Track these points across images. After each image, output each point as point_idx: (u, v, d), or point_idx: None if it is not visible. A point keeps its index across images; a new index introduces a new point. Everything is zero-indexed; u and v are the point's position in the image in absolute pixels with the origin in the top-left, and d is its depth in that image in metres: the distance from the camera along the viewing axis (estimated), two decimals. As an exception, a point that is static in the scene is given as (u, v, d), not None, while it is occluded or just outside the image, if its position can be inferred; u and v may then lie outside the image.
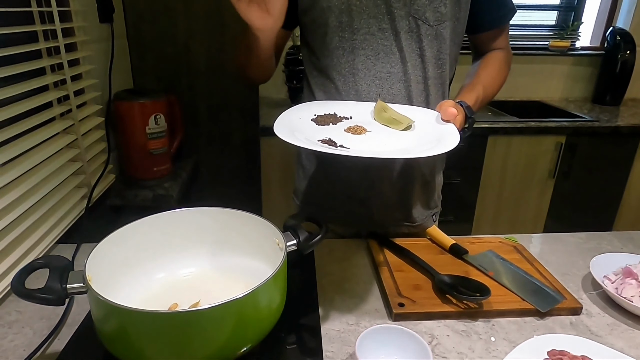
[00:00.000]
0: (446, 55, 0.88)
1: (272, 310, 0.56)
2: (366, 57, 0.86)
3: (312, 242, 0.63)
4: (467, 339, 0.68)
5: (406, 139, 0.73)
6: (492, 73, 0.93)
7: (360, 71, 0.87)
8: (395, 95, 0.88)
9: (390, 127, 0.77)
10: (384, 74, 0.87)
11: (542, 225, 2.25)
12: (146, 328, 0.48)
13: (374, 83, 0.87)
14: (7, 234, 0.78)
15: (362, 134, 0.74)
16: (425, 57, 0.86)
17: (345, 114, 0.81)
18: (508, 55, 0.98)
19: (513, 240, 0.95)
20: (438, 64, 0.88)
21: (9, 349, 0.64)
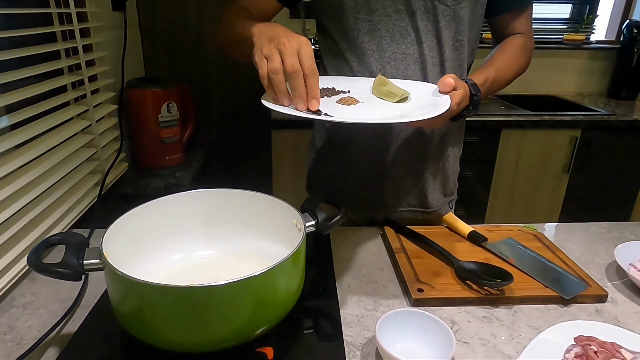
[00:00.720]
0: (464, 37, 0.86)
1: (290, 291, 0.55)
2: (381, 38, 0.85)
3: (331, 222, 0.61)
4: (489, 325, 0.67)
5: (398, 109, 0.72)
6: (507, 57, 0.91)
7: (375, 52, 0.86)
8: (411, 77, 0.86)
9: (385, 99, 0.75)
10: (399, 55, 0.85)
11: (556, 220, 2.22)
12: (163, 303, 0.47)
13: (389, 64, 0.86)
14: (22, 216, 0.78)
15: (352, 105, 0.72)
16: (442, 38, 0.84)
17: (343, 88, 0.79)
18: (528, 41, 0.95)
19: (532, 229, 0.93)
20: (455, 46, 0.87)
21: (24, 329, 0.64)
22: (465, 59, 0.90)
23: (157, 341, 0.50)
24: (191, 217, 0.68)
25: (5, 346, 0.60)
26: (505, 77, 0.90)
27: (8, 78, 0.76)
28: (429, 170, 0.96)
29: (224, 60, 1.57)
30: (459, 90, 0.73)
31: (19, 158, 0.78)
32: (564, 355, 0.58)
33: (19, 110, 0.80)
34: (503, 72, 0.88)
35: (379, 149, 0.92)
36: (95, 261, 0.50)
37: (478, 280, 0.72)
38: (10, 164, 0.74)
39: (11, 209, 0.74)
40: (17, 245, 0.75)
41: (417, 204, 0.98)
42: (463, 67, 0.90)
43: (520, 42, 0.93)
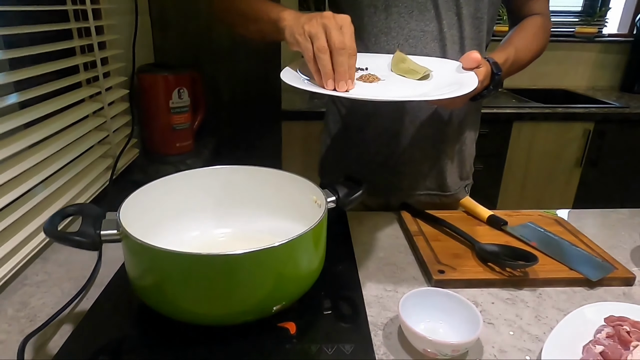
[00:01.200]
0: (484, 14, 0.84)
1: (310, 266, 0.53)
2: (399, 14, 0.83)
3: (352, 197, 0.60)
4: (514, 306, 0.65)
5: (421, 87, 0.70)
6: (526, 37, 0.88)
7: (393, 30, 0.83)
8: (430, 54, 0.84)
9: (407, 77, 0.73)
10: (417, 32, 0.83)
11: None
12: (183, 272, 0.45)
13: (407, 42, 0.84)
14: (33, 196, 0.76)
15: (374, 82, 0.70)
16: (462, 15, 0.82)
17: (361, 65, 0.76)
18: (546, 22, 0.93)
19: (553, 214, 0.90)
20: (475, 24, 0.85)
21: (37, 306, 0.62)
22: (484, 37, 0.88)
23: (175, 313, 0.49)
24: (208, 193, 0.66)
25: (18, 323, 0.59)
26: (525, 58, 0.87)
27: (19, 54, 0.75)
28: (447, 152, 0.94)
29: (234, 50, 1.56)
30: (482, 67, 0.71)
31: (30, 136, 0.76)
32: (595, 336, 0.56)
33: (32, 88, 0.78)
34: (523, 52, 0.86)
35: (395, 132, 0.91)
36: (112, 232, 0.49)
37: (500, 262, 0.70)
38: (20, 142, 0.73)
39: (22, 187, 0.73)
40: (28, 224, 0.74)
41: (435, 187, 0.96)
42: (482, 45, 0.88)
43: (539, 22, 0.91)
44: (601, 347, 0.53)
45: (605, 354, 0.53)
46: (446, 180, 0.96)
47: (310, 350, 0.47)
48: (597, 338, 0.55)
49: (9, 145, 0.71)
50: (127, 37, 1.22)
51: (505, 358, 0.55)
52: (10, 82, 0.73)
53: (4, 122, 0.70)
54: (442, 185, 0.96)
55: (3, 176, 0.68)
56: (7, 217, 0.69)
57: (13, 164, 0.71)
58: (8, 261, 0.67)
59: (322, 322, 0.52)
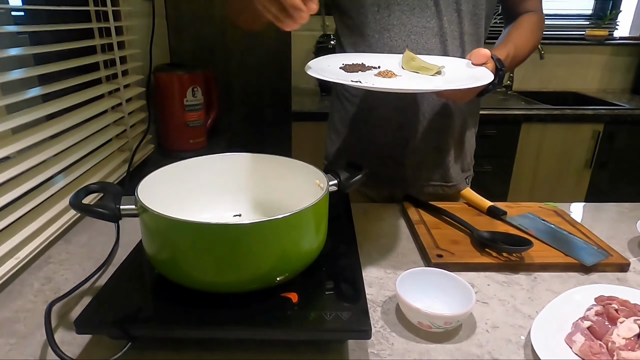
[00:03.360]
0: (482, 10, 0.88)
1: (311, 240, 0.56)
2: (401, 12, 0.86)
3: (353, 180, 0.63)
4: (509, 288, 0.67)
5: (437, 81, 0.73)
6: (524, 33, 0.91)
7: (395, 26, 0.87)
8: (431, 50, 0.88)
9: (420, 73, 0.76)
10: (419, 29, 0.87)
11: (578, 217, 2.19)
12: (196, 241, 0.50)
13: (409, 38, 0.87)
14: (54, 184, 0.81)
15: (393, 77, 0.73)
16: (462, 11, 0.86)
17: (373, 64, 0.80)
18: (540, 19, 0.96)
19: (553, 206, 0.93)
20: (474, 20, 0.88)
21: (60, 281, 0.67)
22: (482, 33, 0.91)
23: (187, 281, 0.53)
24: (219, 178, 0.71)
25: (44, 294, 0.64)
26: (523, 54, 0.90)
27: (43, 49, 0.80)
28: (450, 144, 0.97)
29: (246, 51, 1.61)
30: (490, 63, 0.75)
31: (52, 127, 0.81)
32: (585, 313, 0.58)
33: (52, 82, 0.84)
34: (521, 48, 0.89)
35: (399, 123, 0.94)
36: (131, 207, 0.53)
37: (497, 247, 0.73)
38: (43, 132, 0.77)
39: (45, 174, 0.77)
40: (51, 209, 0.79)
41: (438, 178, 0.99)
42: (480, 41, 0.92)
43: (534, 19, 0.95)
44: (589, 322, 0.56)
45: (592, 328, 0.55)
46: (449, 172, 0.99)
47: (310, 316, 0.50)
48: (587, 315, 0.58)
49: (33, 134, 0.76)
50: (144, 38, 1.28)
51: (496, 333, 0.58)
52: (35, 75, 0.78)
53: (28, 113, 0.75)
54: (445, 177, 0.99)
55: (27, 163, 0.73)
56: (30, 201, 0.73)
57: (36, 153, 0.76)
58: (32, 241, 0.72)
59: (322, 296, 0.55)
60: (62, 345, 0.52)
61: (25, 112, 0.74)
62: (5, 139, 0.70)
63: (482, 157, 2.08)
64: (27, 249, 0.69)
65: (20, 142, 0.71)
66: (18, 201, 0.70)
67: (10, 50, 0.73)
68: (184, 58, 1.57)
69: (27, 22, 0.92)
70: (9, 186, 0.69)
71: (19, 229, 0.69)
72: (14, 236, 0.68)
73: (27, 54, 0.82)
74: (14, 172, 0.69)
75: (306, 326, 0.49)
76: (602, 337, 0.54)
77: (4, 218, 0.66)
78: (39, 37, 0.90)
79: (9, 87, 0.73)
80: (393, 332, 0.57)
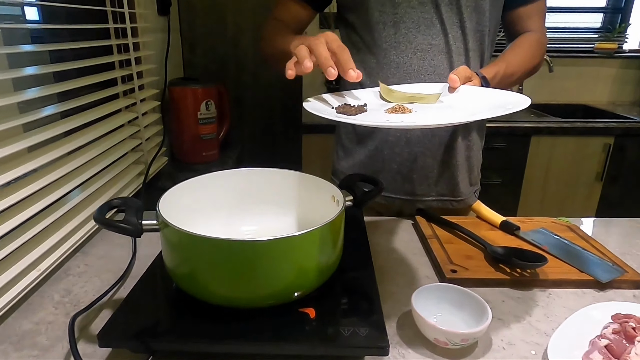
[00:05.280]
0: (485, 27, 0.89)
1: (327, 257, 0.57)
2: (407, 29, 0.88)
3: (368, 196, 0.64)
4: (523, 304, 0.67)
5: (455, 109, 0.70)
6: (519, 52, 0.92)
7: (401, 44, 0.89)
8: (437, 67, 0.89)
9: (419, 102, 0.73)
10: (425, 46, 0.88)
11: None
12: (215, 256, 0.51)
13: (416, 55, 0.89)
14: (72, 198, 0.83)
15: (407, 113, 0.69)
16: (466, 28, 0.87)
17: (358, 102, 0.74)
18: (541, 38, 0.95)
19: (566, 221, 0.93)
20: (477, 37, 0.90)
21: (80, 293, 0.68)
22: (485, 49, 0.93)
23: (206, 295, 0.54)
24: (235, 193, 0.72)
25: (64, 306, 0.65)
26: (517, 72, 0.90)
27: (64, 67, 0.82)
28: (457, 158, 0.97)
29: (258, 65, 1.64)
30: (474, 80, 0.76)
31: (70, 143, 0.83)
32: (602, 331, 0.58)
33: (71, 99, 0.85)
34: (514, 67, 0.89)
35: (407, 139, 0.95)
36: (152, 222, 0.55)
37: (511, 261, 0.73)
38: (62, 148, 0.79)
39: (63, 189, 0.79)
40: (69, 222, 0.80)
41: (447, 192, 1.00)
42: (484, 57, 0.93)
43: (533, 39, 0.94)
44: (606, 341, 0.56)
45: (610, 347, 0.55)
46: (458, 186, 0.99)
47: (328, 332, 0.51)
48: (604, 333, 0.58)
49: (52, 150, 0.77)
50: (159, 53, 1.31)
51: (512, 350, 0.58)
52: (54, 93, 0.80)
53: (47, 130, 0.76)
54: (454, 191, 1.00)
55: (47, 178, 0.74)
56: (51, 214, 0.75)
57: (56, 168, 0.78)
58: (52, 253, 0.74)
59: (339, 310, 0.56)
60: (84, 357, 0.53)
61: (44, 129, 0.76)
62: (24, 157, 0.72)
63: (492, 170, 2.09)
64: (47, 262, 0.71)
65: (40, 158, 0.73)
66: (39, 215, 0.72)
67: (28, 69, 0.74)
68: (197, 72, 1.59)
69: (47, 38, 0.95)
70: (30, 201, 0.70)
71: (39, 241, 0.71)
72: (35, 249, 0.69)
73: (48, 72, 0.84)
74: (36, 187, 0.70)
75: (324, 342, 0.50)
76: (620, 356, 0.54)
77: (26, 232, 0.68)
78: (58, 54, 0.92)
79: (28, 104, 0.75)
80: (409, 348, 0.58)
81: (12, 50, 0.70)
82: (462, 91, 0.76)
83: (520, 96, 0.67)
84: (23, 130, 0.73)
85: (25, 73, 0.71)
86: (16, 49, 0.71)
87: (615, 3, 2.53)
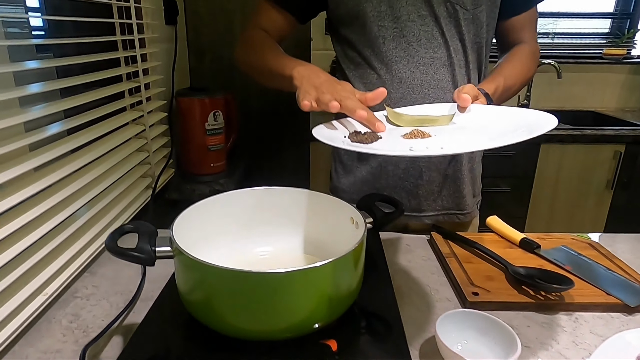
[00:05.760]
0: (483, 39, 0.88)
1: (350, 286, 0.55)
2: (408, 43, 0.86)
3: (389, 218, 0.61)
4: (550, 330, 0.65)
5: (473, 130, 0.67)
6: (516, 65, 0.91)
7: (403, 58, 0.87)
8: (440, 80, 0.87)
9: (432, 125, 0.70)
10: (427, 60, 0.86)
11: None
12: (233, 288, 0.48)
13: (418, 69, 0.87)
14: (80, 216, 0.80)
15: (430, 138, 0.66)
16: (465, 41, 0.86)
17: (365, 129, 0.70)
18: (533, 49, 0.95)
19: (586, 238, 0.90)
20: (474, 48, 0.88)
21: (88, 318, 0.66)
22: (483, 61, 0.92)
23: (222, 327, 0.51)
24: (248, 213, 0.69)
25: (72, 333, 0.62)
26: (514, 85, 0.89)
27: (71, 82, 0.80)
28: (462, 171, 0.95)
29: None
30: (480, 98, 0.75)
31: (77, 160, 0.80)
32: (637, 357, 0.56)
33: (77, 115, 0.83)
34: (511, 79, 0.88)
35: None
36: (166, 248, 0.52)
37: (536, 284, 0.70)
38: (69, 166, 0.76)
39: (71, 208, 0.76)
40: (77, 241, 0.78)
41: (453, 206, 0.98)
42: (482, 68, 0.92)
43: (526, 50, 0.94)
44: (643, 373, 0.53)
45: (648, 379, 0.52)
46: (464, 199, 0.97)
47: (353, 366, 0.48)
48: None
49: (59, 169, 0.74)
50: (166, 63, 1.29)
51: (543, 382, 0.55)
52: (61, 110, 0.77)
53: (54, 148, 0.74)
54: (459, 204, 0.98)
55: (53, 199, 0.71)
56: (56, 236, 0.72)
57: (63, 187, 0.75)
58: (59, 276, 0.71)
59: (362, 340, 0.53)
60: (94, 393, 0.50)
61: (50, 147, 0.73)
62: (30, 177, 0.69)
63: (501, 178, 2.07)
64: (54, 285, 0.68)
65: (46, 178, 0.70)
66: (45, 236, 0.70)
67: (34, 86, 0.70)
68: (203, 81, 1.57)
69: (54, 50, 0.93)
70: (37, 222, 0.68)
71: (46, 264, 0.69)
72: (41, 272, 0.67)
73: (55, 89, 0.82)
74: (43, 208, 0.68)
75: (348, 377, 0.47)
76: (659, 390, 0.51)
77: (33, 255, 0.65)
78: (66, 67, 0.90)
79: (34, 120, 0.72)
80: (434, 380, 0.55)
81: (17, 68, 0.67)
82: (473, 110, 0.73)
83: (542, 114, 0.64)
84: (29, 149, 0.71)
85: (32, 91, 0.68)
86: (20, 66, 0.68)
87: (623, 8, 2.50)
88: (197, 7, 1.51)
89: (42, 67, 0.72)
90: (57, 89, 0.77)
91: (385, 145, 0.62)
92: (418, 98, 0.88)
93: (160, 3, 1.27)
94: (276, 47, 0.91)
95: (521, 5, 0.93)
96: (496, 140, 0.59)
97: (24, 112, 0.67)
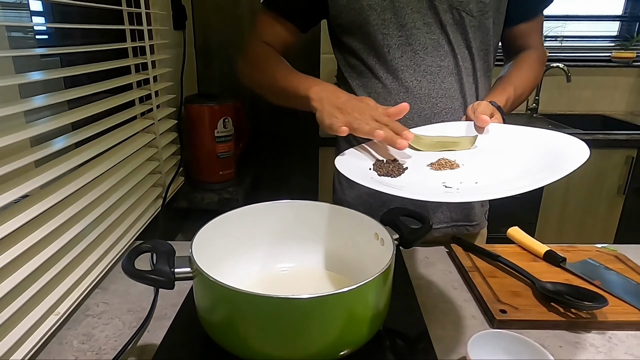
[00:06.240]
0: (489, 46, 0.86)
1: (379, 308, 0.52)
2: (414, 52, 0.83)
3: (417, 234, 0.59)
4: (584, 351, 0.62)
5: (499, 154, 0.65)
6: (524, 73, 0.89)
7: (409, 67, 0.84)
8: (448, 89, 0.85)
9: (454, 149, 0.68)
10: (434, 68, 0.84)
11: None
12: (251, 311, 0.46)
13: (425, 78, 0.84)
14: (92, 230, 0.78)
15: (459, 167, 0.64)
16: (472, 48, 0.84)
17: (386, 156, 0.69)
18: (540, 55, 0.94)
19: (612, 250, 0.87)
20: (481, 55, 0.86)
21: (101, 338, 0.63)
22: (490, 67, 0.89)
23: (242, 352, 0.49)
24: (268, 228, 0.67)
25: (84, 355, 0.60)
26: (523, 93, 0.88)
27: (82, 92, 0.77)
28: None
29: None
30: (496, 115, 0.73)
31: (88, 173, 0.77)
32: (680, 387, 0.53)
33: (87, 125, 0.80)
34: (522, 89, 0.87)
35: None
36: (186, 269, 0.50)
37: (567, 302, 0.68)
38: (77, 181, 0.73)
39: (81, 224, 0.73)
40: (88, 257, 0.76)
41: (462, 217, 0.95)
42: (489, 75, 0.90)
43: (534, 56, 0.92)
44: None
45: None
46: (473, 210, 0.95)
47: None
48: (683, 390, 0.52)
49: (68, 184, 0.71)
50: (175, 69, 1.26)
51: (583, 409, 0.52)
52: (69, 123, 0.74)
53: (62, 162, 0.71)
54: (468, 215, 0.95)
55: (63, 215, 0.68)
56: (67, 254, 0.69)
57: (71, 202, 0.71)
58: (70, 294, 0.68)
59: (391, 365, 0.51)
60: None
61: (58, 162, 0.70)
62: (37, 194, 0.66)
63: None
64: (65, 304, 0.66)
65: (55, 195, 0.67)
66: (57, 254, 0.67)
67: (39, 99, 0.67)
68: (211, 87, 1.55)
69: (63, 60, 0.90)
70: (47, 240, 0.65)
71: (57, 283, 0.66)
72: (52, 291, 0.64)
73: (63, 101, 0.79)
74: (53, 225, 0.65)
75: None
76: None
77: (44, 274, 0.62)
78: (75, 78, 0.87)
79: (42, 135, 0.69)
80: (468, 407, 0.52)
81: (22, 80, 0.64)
82: (491, 131, 0.71)
83: (569, 139, 0.63)
84: (35, 165, 0.68)
85: (38, 103, 0.66)
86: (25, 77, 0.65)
87: (632, 11, 2.48)
88: (205, 12, 1.49)
89: (49, 77, 0.70)
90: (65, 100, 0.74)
91: (415, 180, 0.60)
92: (425, 107, 0.86)
93: (169, 8, 1.25)
94: (284, 63, 0.88)
95: (529, 12, 0.90)
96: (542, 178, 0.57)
97: (31, 127, 0.64)
